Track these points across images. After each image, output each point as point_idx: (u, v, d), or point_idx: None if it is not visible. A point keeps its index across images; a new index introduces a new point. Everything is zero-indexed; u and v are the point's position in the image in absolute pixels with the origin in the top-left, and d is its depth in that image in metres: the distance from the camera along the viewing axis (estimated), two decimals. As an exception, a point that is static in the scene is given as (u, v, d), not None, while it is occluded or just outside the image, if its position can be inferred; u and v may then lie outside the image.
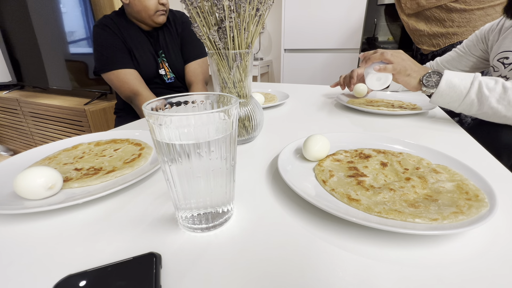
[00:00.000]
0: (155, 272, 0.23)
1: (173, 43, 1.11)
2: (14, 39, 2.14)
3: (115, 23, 1.00)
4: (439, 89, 0.62)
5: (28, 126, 2.24)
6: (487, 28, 0.89)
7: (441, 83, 0.62)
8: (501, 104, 0.58)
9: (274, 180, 0.41)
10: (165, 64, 1.10)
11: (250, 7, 0.43)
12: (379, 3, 2.00)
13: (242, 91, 0.50)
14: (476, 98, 0.60)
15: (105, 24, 0.99)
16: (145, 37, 1.05)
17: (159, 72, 1.09)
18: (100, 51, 0.99)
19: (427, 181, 0.36)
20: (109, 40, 0.98)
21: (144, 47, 1.04)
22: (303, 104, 0.89)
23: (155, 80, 1.10)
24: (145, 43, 1.05)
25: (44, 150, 0.51)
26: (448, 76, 0.62)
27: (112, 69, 0.98)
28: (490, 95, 0.59)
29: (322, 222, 0.31)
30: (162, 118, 0.24)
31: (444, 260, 0.26)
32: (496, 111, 0.59)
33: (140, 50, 1.03)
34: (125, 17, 1.02)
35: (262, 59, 2.89)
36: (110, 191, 0.35)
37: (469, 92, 0.60)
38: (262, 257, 0.26)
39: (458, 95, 0.61)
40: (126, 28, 1.01)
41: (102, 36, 0.98)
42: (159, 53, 1.08)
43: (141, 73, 1.04)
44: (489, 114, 0.61)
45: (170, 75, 1.12)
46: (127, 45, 1.01)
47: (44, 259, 0.27)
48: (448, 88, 0.62)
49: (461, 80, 0.61)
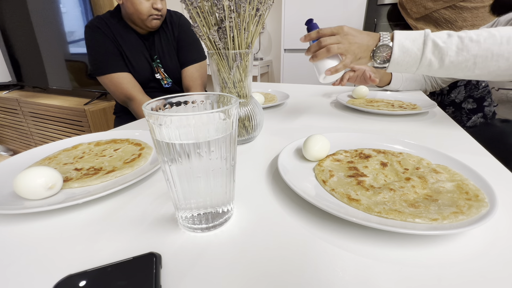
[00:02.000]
0: (155, 272, 0.23)
1: (169, 47, 1.07)
2: (14, 39, 2.14)
3: (107, 25, 0.96)
4: (393, 58, 0.57)
5: (28, 126, 2.24)
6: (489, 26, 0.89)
7: (394, 51, 0.56)
8: (461, 56, 0.53)
9: (274, 180, 0.41)
10: (160, 70, 1.07)
11: (250, 7, 0.43)
12: (379, 3, 2.00)
13: (242, 91, 0.50)
14: (433, 56, 0.55)
15: (96, 25, 0.95)
16: (140, 40, 1.01)
17: (156, 76, 1.06)
18: (92, 54, 0.96)
19: (427, 181, 0.36)
20: (101, 42, 0.95)
21: (138, 50, 1.01)
22: (303, 104, 0.89)
23: (152, 84, 1.07)
24: (139, 46, 1.01)
25: (44, 150, 0.51)
26: (399, 41, 0.56)
27: (105, 72, 0.96)
28: (448, 48, 0.53)
29: (322, 222, 0.31)
30: (162, 118, 0.24)
31: (444, 260, 0.26)
32: (457, 64, 0.54)
33: (134, 54, 1.00)
34: (120, 18, 0.99)
35: (262, 59, 2.89)
36: (110, 191, 0.35)
37: (424, 52, 0.55)
38: (262, 257, 0.26)
39: (413, 59, 0.56)
40: (119, 31, 0.97)
41: (94, 38, 0.95)
42: (153, 58, 1.05)
43: (136, 77, 1.01)
44: (450, 70, 0.55)
45: (167, 80, 1.09)
46: (120, 48, 0.97)
47: (44, 259, 0.27)
48: (402, 54, 0.56)
49: (413, 42, 0.55)
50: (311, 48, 0.63)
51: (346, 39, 0.59)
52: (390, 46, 0.57)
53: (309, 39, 0.63)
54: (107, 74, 0.96)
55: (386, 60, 0.58)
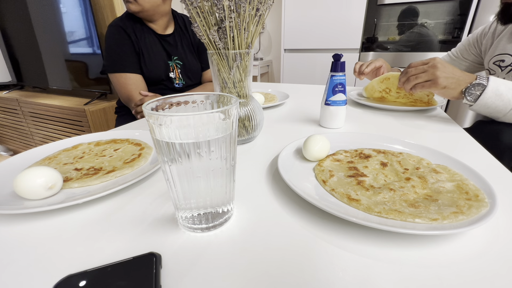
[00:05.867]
0: (155, 272, 0.23)
1: (191, 50, 1.13)
2: (14, 39, 2.14)
3: (129, 25, 1.00)
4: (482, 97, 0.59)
5: (28, 126, 2.24)
6: (479, 32, 0.89)
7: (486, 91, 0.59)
8: None
9: (274, 180, 0.41)
10: (177, 70, 1.11)
11: (250, 7, 0.43)
12: (379, 3, 2.00)
13: (242, 91, 0.50)
14: None
15: (119, 25, 0.99)
16: (157, 40, 1.06)
17: (169, 75, 1.11)
18: (108, 52, 1.01)
19: (427, 181, 0.36)
20: (119, 41, 0.99)
21: (155, 49, 1.05)
22: (303, 104, 0.89)
23: (163, 83, 1.11)
24: (156, 45, 1.06)
25: (44, 150, 0.51)
26: (495, 83, 0.59)
27: (115, 71, 1.00)
28: None
29: (322, 222, 0.31)
30: (162, 118, 0.24)
31: (444, 260, 0.26)
32: None
33: (150, 52, 1.04)
34: (138, 18, 1.03)
35: (262, 59, 2.89)
36: (110, 191, 0.35)
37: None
38: (262, 257, 0.26)
39: (504, 104, 0.59)
40: (139, 29, 1.02)
41: (113, 37, 0.99)
42: (172, 58, 1.09)
43: (149, 75, 1.05)
44: None
45: (180, 81, 1.14)
46: (138, 47, 1.02)
47: (44, 259, 0.27)
48: (494, 96, 0.59)
49: (509, 89, 0.58)
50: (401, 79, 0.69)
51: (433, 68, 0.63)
52: (485, 85, 0.59)
53: None
54: (116, 73, 1.01)
55: (477, 99, 0.60)
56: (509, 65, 0.75)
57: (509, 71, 0.75)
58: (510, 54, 0.75)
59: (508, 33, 0.77)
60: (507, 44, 0.77)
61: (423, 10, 1.91)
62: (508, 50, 0.76)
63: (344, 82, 0.60)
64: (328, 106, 0.62)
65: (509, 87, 0.58)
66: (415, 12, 1.94)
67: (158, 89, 1.09)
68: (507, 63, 0.76)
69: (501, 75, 0.78)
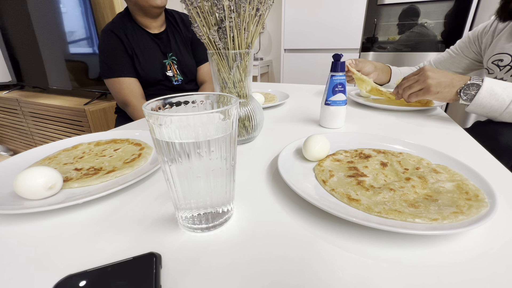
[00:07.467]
0: (155, 272, 0.23)
1: (185, 46, 1.12)
2: (14, 39, 2.14)
3: (121, 28, 1.00)
4: (477, 97, 0.60)
5: (28, 126, 2.24)
6: (480, 30, 0.88)
7: (480, 91, 0.59)
8: None
9: (274, 180, 0.41)
10: (174, 66, 1.11)
11: (250, 7, 0.43)
12: (379, 3, 2.00)
13: (242, 91, 0.50)
14: None
15: (110, 29, 0.99)
16: (152, 40, 1.05)
17: (167, 74, 1.10)
18: (101, 58, 1.01)
19: (427, 181, 0.36)
20: (111, 47, 0.99)
21: (150, 51, 1.05)
22: (303, 104, 0.89)
23: (161, 83, 1.11)
24: (151, 46, 1.05)
25: (44, 150, 0.51)
26: (489, 83, 0.59)
27: (109, 76, 1.01)
28: None
29: (322, 222, 0.31)
30: (162, 118, 0.24)
31: (444, 260, 0.26)
32: None
33: (145, 53, 1.04)
34: (130, 19, 1.02)
35: (262, 59, 2.89)
36: (110, 191, 0.35)
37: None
38: (262, 257, 0.26)
39: (499, 104, 0.59)
40: (131, 32, 1.01)
41: (106, 43, 1.00)
42: (168, 56, 1.09)
43: (146, 76, 1.05)
44: None
45: (178, 77, 1.13)
46: (132, 50, 1.01)
47: (44, 259, 0.27)
48: (489, 96, 0.59)
49: (504, 89, 0.58)
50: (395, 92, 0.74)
51: (423, 76, 0.66)
52: (480, 86, 0.60)
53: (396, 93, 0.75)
54: (111, 78, 1.01)
55: (473, 99, 0.61)
56: (508, 64, 0.75)
57: (507, 70, 0.75)
58: (509, 54, 0.75)
59: (507, 32, 0.77)
60: (506, 43, 0.76)
61: (423, 10, 1.91)
62: (506, 50, 0.76)
63: (344, 82, 0.60)
64: (328, 106, 0.62)
65: (503, 86, 0.59)
66: (415, 12, 1.94)
67: (157, 89, 1.09)
68: (506, 63, 0.75)
69: (499, 75, 0.77)
